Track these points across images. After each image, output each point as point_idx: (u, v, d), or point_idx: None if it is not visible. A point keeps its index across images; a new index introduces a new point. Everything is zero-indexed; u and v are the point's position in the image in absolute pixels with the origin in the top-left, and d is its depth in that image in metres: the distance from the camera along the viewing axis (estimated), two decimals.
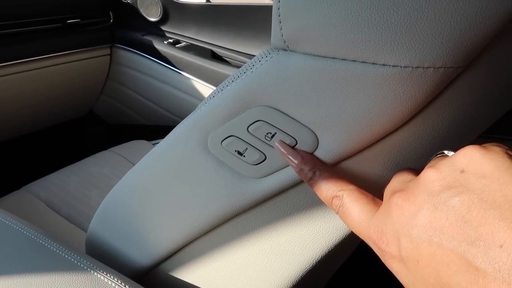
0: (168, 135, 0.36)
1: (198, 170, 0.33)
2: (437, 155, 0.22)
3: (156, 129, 1.25)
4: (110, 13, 1.23)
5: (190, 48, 1.13)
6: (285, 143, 0.28)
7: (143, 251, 0.39)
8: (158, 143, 0.36)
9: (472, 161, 0.19)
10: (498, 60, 0.25)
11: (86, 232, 0.66)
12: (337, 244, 0.32)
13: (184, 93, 1.13)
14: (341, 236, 0.31)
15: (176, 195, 0.35)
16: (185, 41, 1.16)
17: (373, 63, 0.24)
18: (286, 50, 0.28)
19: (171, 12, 1.16)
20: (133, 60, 1.21)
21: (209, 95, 0.33)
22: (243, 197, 0.32)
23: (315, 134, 0.28)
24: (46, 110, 1.22)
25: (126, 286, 0.36)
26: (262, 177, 0.31)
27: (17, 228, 0.41)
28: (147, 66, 1.18)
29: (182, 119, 0.35)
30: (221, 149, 0.31)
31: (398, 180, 0.23)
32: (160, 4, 1.15)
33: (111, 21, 1.24)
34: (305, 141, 0.28)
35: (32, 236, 0.40)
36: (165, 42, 1.15)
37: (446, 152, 0.22)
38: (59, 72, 1.16)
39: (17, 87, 1.08)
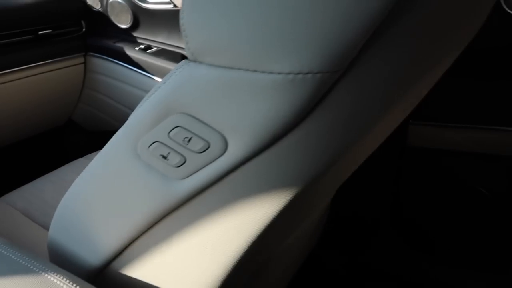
0: (107, 144, 0.39)
1: (131, 175, 0.36)
2: None
3: None
4: (82, 22, 1.25)
5: (161, 53, 1.16)
6: None
7: (94, 251, 0.42)
8: None
9: None
10: (379, 60, 0.28)
11: None
12: (259, 235, 0.35)
13: None
14: (261, 228, 0.34)
15: (115, 198, 0.38)
16: (156, 46, 1.18)
17: (262, 72, 0.27)
18: (195, 61, 0.30)
19: (141, 19, 1.18)
20: (107, 67, 1.23)
21: (138, 105, 0.36)
22: (171, 197, 0.34)
23: (224, 137, 0.31)
24: (24, 121, 1.24)
25: (75, 286, 0.38)
26: (184, 178, 0.33)
27: None
28: (121, 73, 1.21)
29: None
30: (148, 154, 0.34)
31: None
32: (130, 11, 1.17)
33: (84, 30, 1.25)
34: (216, 144, 0.31)
35: None
36: (137, 48, 1.17)
37: None
38: (34, 83, 1.18)
39: None
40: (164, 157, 0.33)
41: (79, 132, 1.43)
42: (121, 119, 1.28)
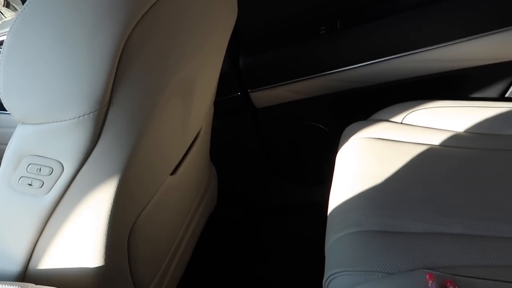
0: None
1: (14, 202, 0.55)
2: None
3: None
4: None
5: None
6: None
7: (12, 262, 0.60)
8: None
9: None
10: (126, 96, 0.49)
11: None
12: (111, 210, 0.56)
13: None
14: (108, 206, 0.55)
15: (9, 219, 0.56)
16: None
17: (62, 120, 0.47)
18: (23, 123, 0.50)
19: None
20: None
21: (3, 157, 0.54)
22: (44, 207, 0.54)
23: (60, 161, 0.51)
24: None
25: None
26: (47, 193, 0.53)
27: None
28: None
29: None
30: (19, 185, 0.53)
31: None
32: None
33: None
34: (56, 167, 0.51)
35: None
36: None
37: None
38: None
39: None
40: (30, 185, 0.53)
41: None
42: None
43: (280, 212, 1.30)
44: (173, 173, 0.75)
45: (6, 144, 0.52)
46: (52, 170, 0.51)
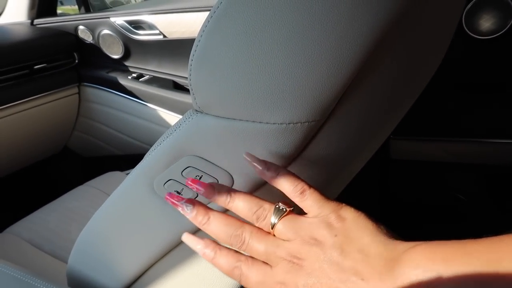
0: (125, 179, 0.44)
1: (149, 207, 0.41)
2: None
3: (128, 158, 1.32)
4: (75, 54, 1.30)
5: (153, 81, 1.21)
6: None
7: (114, 277, 0.47)
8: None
9: None
10: (351, 111, 0.34)
11: None
12: None
13: (151, 123, 1.21)
14: None
15: (134, 228, 0.43)
16: (148, 74, 1.24)
17: (260, 122, 0.33)
18: (202, 112, 0.36)
19: (132, 49, 1.24)
20: (101, 96, 1.28)
21: (151, 148, 0.41)
22: (185, 225, 0.40)
23: (230, 174, 0.36)
24: (21, 152, 1.28)
25: None
26: None
27: (3, 269, 0.48)
28: (115, 101, 1.26)
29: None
30: (164, 190, 0.40)
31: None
32: (121, 42, 1.23)
33: (76, 61, 1.31)
34: (224, 180, 0.37)
35: (18, 276, 0.48)
36: (129, 77, 1.23)
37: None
38: (30, 116, 1.22)
39: None
40: (178, 193, 0.39)
41: (75, 159, 1.47)
42: (116, 145, 1.33)
43: None
44: None
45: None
46: (217, 182, 0.37)
